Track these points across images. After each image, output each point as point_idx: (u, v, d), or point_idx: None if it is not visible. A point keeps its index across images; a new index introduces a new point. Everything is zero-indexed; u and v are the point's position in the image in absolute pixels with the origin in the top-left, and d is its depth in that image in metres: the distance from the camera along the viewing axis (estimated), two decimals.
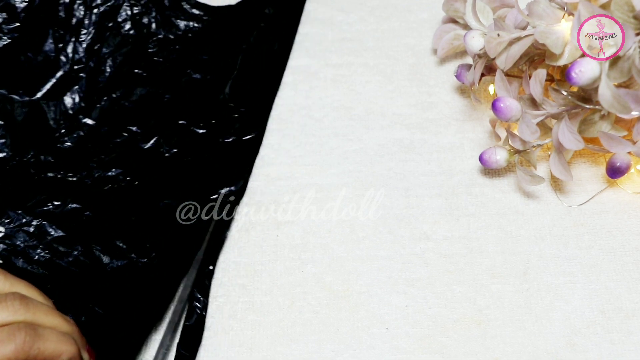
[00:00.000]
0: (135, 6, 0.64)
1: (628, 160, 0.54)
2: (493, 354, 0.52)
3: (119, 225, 0.56)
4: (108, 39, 0.63)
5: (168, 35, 0.63)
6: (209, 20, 0.64)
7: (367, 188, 0.59)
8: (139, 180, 0.58)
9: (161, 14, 0.64)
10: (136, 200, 0.57)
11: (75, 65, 0.62)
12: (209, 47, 0.63)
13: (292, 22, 0.66)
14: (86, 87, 0.61)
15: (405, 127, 0.62)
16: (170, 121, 0.61)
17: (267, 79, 0.63)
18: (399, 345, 0.52)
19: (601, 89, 0.49)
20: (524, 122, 0.54)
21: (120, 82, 0.62)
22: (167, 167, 0.59)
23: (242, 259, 0.56)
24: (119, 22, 0.64)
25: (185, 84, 0.62)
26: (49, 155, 0.59)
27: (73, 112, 0.61)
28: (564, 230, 0.57)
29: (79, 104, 0.61)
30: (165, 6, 0.64)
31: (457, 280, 0.55)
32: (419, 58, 0.65)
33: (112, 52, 0.63)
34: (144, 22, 0.64)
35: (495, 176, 0.59)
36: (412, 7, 0.67)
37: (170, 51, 0.63)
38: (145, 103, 0.61)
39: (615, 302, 0.54)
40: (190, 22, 0.64)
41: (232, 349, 0.53)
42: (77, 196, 0.57)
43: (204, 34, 0.64)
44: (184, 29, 0.64)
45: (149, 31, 0.64)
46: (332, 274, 0.55)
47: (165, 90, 0.62)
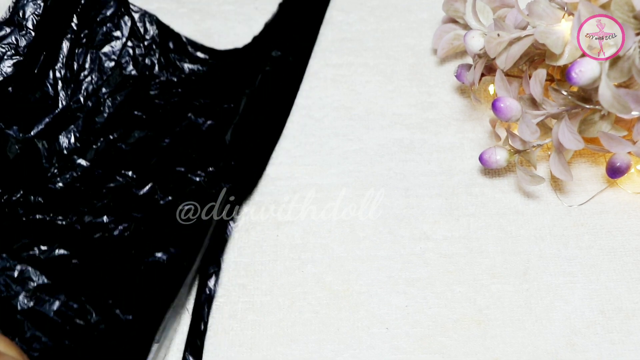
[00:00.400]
0: (138, 47, 0.62)
1: (628, 160, 0.54)
2: (493, 354, 0.52)
3: (106, 276, 0.53)
4: (109, 79, 0.61)
5: (171, 78, 0.62)
6: (213, 63, 0.63)
7: (367, 188, 0.59)
8: (130, 231, 0.55)
9: (165, 56, 0.63)
10: (126, 252, 0.54)
11: (73, 104, 0.60)
12: (212, 91, 0.62)
13: (301, 64, 0.64)
14: (83, 126, 0.59)
15: (405, 127, 0.62)
16: (167, 167, 0.58)
17: (269, 126, 0.61)
18: (399, 345, 0.52)
19: (601, 89, 0.49)
20: (524, 122, 0.54)
21: (119, 124, 0.60)
22: (160, 216, 0.56)
23: (242, 259, 0.56)
24: (120, 63, 0.62)
25: (186, 129, 0.60)
26: (39, 196, 0.57)
27: (67, 151, 0.59)
28: (564, 230, 0.57)
29: (74, 144, 0.59)
30: (169, 48, 0.63)
31: (457, 280, 0.55)
32: (419, 58, 0.65)
33: (112, 92, 0.61)
34: (146, 64, 0.62)
35: (495, 176, 0.59)
36: (412, 7, 0.67)
37: (172, 94, 0.62)
38: (142, 147, 0.59)
39: (616, 302, 0.54)
40: (194, 66, 0.63)
41: (232, 348, 0.53)
42: (65, 242, 0.55)
43: (207, 77, 0.62)
44: (187, 72, 0.62)
45: (152, 73, 0.62)
46: (332, 274, 0.55)
47: (164, 135, 0.60)
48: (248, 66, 0.63)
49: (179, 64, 0.63)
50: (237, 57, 0.63)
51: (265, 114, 0.61)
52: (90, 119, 0.60)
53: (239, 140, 0.59)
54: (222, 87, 0.62)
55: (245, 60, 0.63)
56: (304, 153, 0.60)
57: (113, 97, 0.61)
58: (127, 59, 0.62)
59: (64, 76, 0.60)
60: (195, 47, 0.63)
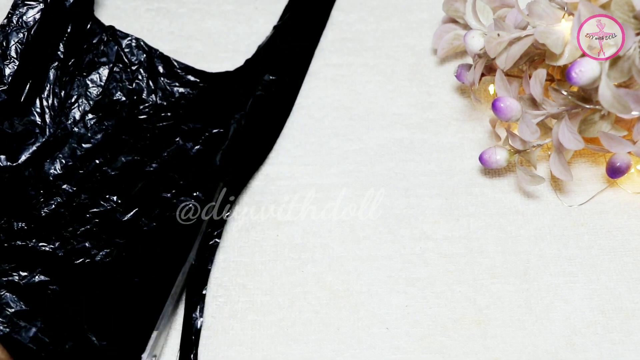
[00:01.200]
0: (125, 72, 0.62)
1: (628, 160, 0.54)
2: (493, 353, 0.52)
3: (84, 302, 0.53)
4: (96, 105, 0.61)
5: (161, 102, 0.61)
6: (204, 87, 0.62)
7: (367, 188, 0.59)
8: (112, 257, 0.55)
9: (153, 80, 0.62)
10: (106, 279, 0.54)
11: (60, 132, 0.59)
12: (202, 115, 0.61)
13: (293, 88, 0.63)
14: (69, 153, 0.59)
15: (405, 127, 0.62)
16: (152, 193, 0.58)
17: (258, 151, 0.60)
18: (399, 345, 0.52)
19: (601, 88, 0.49)
20: (524, 122, 0.54)
21: (105, 148, 0.59)
22: (144, 242, 0.56)
23: (242, 259, 0.56)
24: (108, 89, 0.61)
25: (174, 154, 0.59)
26: (22, 222, 0.56)
27: (53, 178, 0.58)
28: (564, 230, 0.57)
29: (60, 170, 0.58)
30: (159, 72, 0.62)
31: (457, 280, 0.55)
32: (419, 58, 0.65)
33: (99, 118, 0.60)
34: (134, 89, 0.61)
35: (495, 176, 0.59)
36: (412, 7, 0.67)
37: (161, 118, 0.60)
38: (128, 171, 0.59)
39: (616, 302, 0.54)
40: (185, 89, 0.62)
41: (232, 348, 0.53)
42: (46, 268, 0.54)
43: (198, 101, 0.61)
44: (178, 96, 0.61)
45: (140, 97, 0.61)
46: (332, 274, 0.55)
47: (151, 159, 0.59)
48: (239, 90, 0.62)
49: (169, 87, 0.62)
50: (229, 80, 0.62)
51: (256, 138, 0.60)
52: (77, 145, 0.59)
53: (229, 164, 0.59)
54: (212, 111, 0.61)
55: (236, 83, 0.62)
56: (304, 153, 0.60)
57: (100, 123, 0.60)
58: (115, 85, 0.61)
59: (51, 104, 0.60)
60: (186, 71, 0.62)
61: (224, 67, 0.64)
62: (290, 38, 0.64)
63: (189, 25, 0.67)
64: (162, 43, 0.66)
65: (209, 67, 0.64)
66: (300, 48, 0.64)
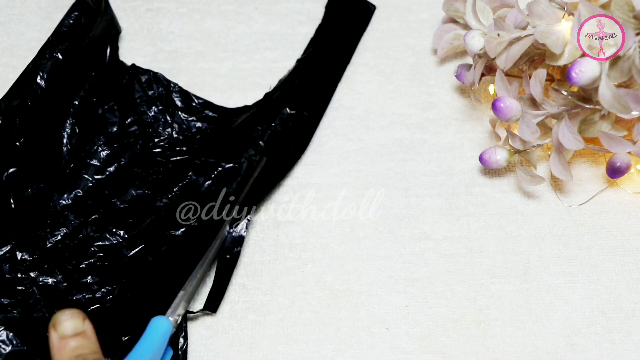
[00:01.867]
0: (142, 105, 0.61)
1: (628, 160, 0.54)
2: (493, 353, 0.52)
3: None
4: (112, 135, 0.60)
5: (177, 136, 0.60)
6: (221, 122, 0.61)
7: (367, 188, 0.59)
8: (113, 294, 0.54)
9: (170, 113, 0.61)
10: (106, 317, 0.53)
11: (74, 163, 0.58)
12: (217, 150, 0.59)
13: (312, 123, 0.61)
14: (81, 184, 0.58)
15: (405, 127, 0.62)
16: (160, 229, 0.56)
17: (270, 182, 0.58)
18: (399, 345, 0.52)
19: (601, 88, 0.49)
20: (524, 122, 0.54)
21: (116, 180, 0.58)
22: (147, 279, 0.54)
23: (242, 259, 0.56)
24: (124, 119, 0.61)
25: (184, 189, 0.58)
26: (26, 252, 0.55)
27: (61, 208, 0.57)
28: (564, 230, 0.57)
29: (69, 199, 0.57)
30: (177, 106, 0.61)
31: (457, 280, 0.55)
32: (419, 58, 0.65)
33: (114, 149, 0.59)
34: (150, 122, 0.61)
35: (495, 176, 0.59)
36: (412, 7, 0.67)
37: (176, 152, 0.59)
38: (137, 205, 0.57)
39: (616, 302, 0.54)
40: (203, 124, 0.61)
41: (232, 348, 0.53)
42: (47, 302, 0.53)
43: (213, 136, 0.60)
44: (194, 131, 0.60)
45: (156, 131, 0.60)
46: (332, 274, 0.55)
47: (162, 194, 0.58)
48: (257, 124, 0.60)
49: (186, 122, 0.61)
50: (247, 114, 0.61)
51: (270, 171, 0.58)
52: (89, 176, 0.58)
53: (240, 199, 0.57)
54: (228, 146, 0.60)
55: (254, 117, 0.61)
56: (304, 153, 0.60)
57: (114, 155, 0.59)
58: (131, 118, 0.61)
59: (70, 139, 0.59)
60: (204, 106, 0.62)
61: (224, 67, 0.65)
62: (312, 72, 0.63)
63: (189, 25, 0.67)
64: (162, 43, 0.66)
65: (209, 67, 0.65)
66: (322, 83, 0.62)
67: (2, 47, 0.65)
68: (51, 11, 0.67)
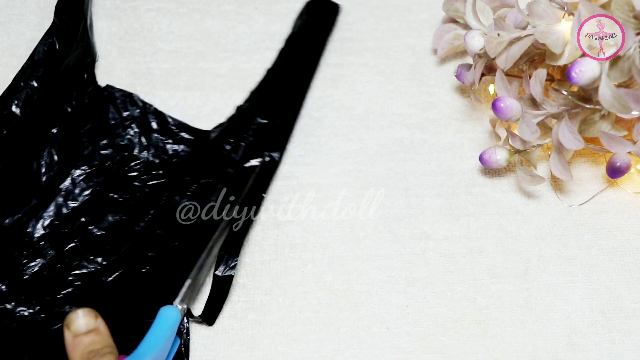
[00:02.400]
0: (117, 127, 0.60)
1: (628, 160, 0.54)
2: (493, 353, 0.52)
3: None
4: (86, 158, 0.59)
5: (153, 159, 0.59)
6: (197, 144, 0.60)
7: (367, 188, 0.59)
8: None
9: (146, 136, 0.60)
10: None
11: (49, 189, 0.57)
12: (194, 171, 0.59)
13: (285, 130, 0.60)
14: (56, 212, 0.57)
15: (405, 127, 0.62)
16: (138, 252, 0.55)
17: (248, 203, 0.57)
18: (399, 345, 0.52)
19: (601, 88, 0.49)
20: (524, 122, 0.54)
21: (92, 206, 0.57)
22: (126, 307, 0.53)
23: (242, 259, 0.56)
24: (98, 143, 0.59)
25: (161, 209, 0.57)
26: (3, 284, 0.54)
27: (37, 238, 0.56)
28: (564, 230, 0.57)
29: (44, 229, 0.56)
30: (152, 128, 0.60)
31: (457, 279, 0.55)
32: (419, 58, 0.65)
33: (89, 173, 0.58)
34: (126, 145, 0.59)
35: (495, 176, 0.59)
36: (412, 7, 0.67)
37: (152, 176, 0.59)
38: (115, 231, 0.56)
39: (616, 302, 0.54)
40: (179, 146, 0.60)
41: (233, 348, 0.53)
42: (23, 334, 0.52)
43: (190, 158, 0.59)
44: (171, 154, 0.59)
45: (131, 154, 0.59)
46: (333, 274, 0.55)
47: (139, 219, 0.57)
48: (231, 138, 0.59)
49: (162, 144, 0.60)
50: (222, 132, 0.60)
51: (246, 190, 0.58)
52: (64, 202, 0.57)
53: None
54: (202, 163, 0.59)
55: (229, 132, 0.60)
56: (304, 153, 0.60)
57: (89, 179, 0.58)
58: (106, 141, 0.60)
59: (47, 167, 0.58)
60: (180, 127, 0.60)
61: (224, 66, 0.64)
62: (281, 81, 0.62)
63: (189, 25, 0.67)
64: (162, 43, 0.66)
65: (209, 67, 0.65)
66: (292, 88, 0.62)
67: (2, 47, 0.65)
68: (51, 11, 0.66)
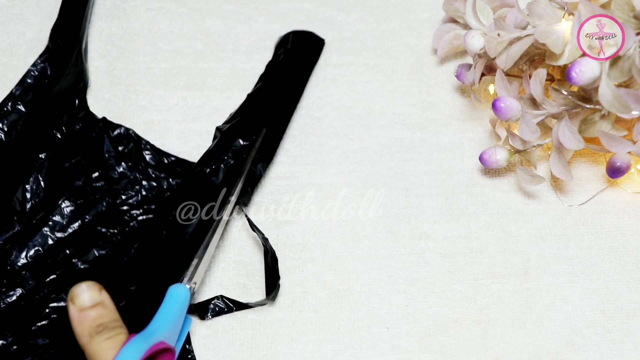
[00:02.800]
0: (111, 159, 0.59)
1: (628, 160, 0.54)
2: (493, 353, 0.52)
3: None
4: (77, 189, 0.58)
5: (147, 194, 0.58)
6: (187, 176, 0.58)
7: (367, 188, 0.59)
8: (62, 358, 0.51)
9: (140, 170, 0.59)
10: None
11: (36, 219, 0.56)
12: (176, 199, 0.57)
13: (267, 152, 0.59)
14: (41, 240, 0.56)
15: (405, 126, 0.62)
16: (120, 287, 0.53)
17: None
18: (399, 345, 0.52)
19: (601, 88, 0.49)
20: (524, 121, 0.54)
21: (79, 239, 0.56)
22: None
23: (242, 259, 0.56)
24: (91, 175, 0.59)
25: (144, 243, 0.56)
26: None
27: (19, 267, 0.54)
28: (564, 230, 0.57)
29: (28, 258, 0.55)
30: (146, 162, 0.59)
31: (458, 279, 0.55)
32: (419, 58, 0.65)
33: (79, 205, 0.57)
34: (118, 178, 0.59)
35: (495, 176, 0.59)
36: (412, 7, 0.67)
37: (144, 211, 0.58)
38: (98, 267, 0.55)
39: (616, 302, 0.54)
40: (174, 181, 0.59)
41: (233, 347, 0.53)
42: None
43: (179, 190, 0.58)
44: (164, 188, 0.58)
45: (124, 187, 0.58)
46: (333, 274, 0.55)
47: (124, 254, 0.56)
48: (209, 160, 0.58)
49: (157, 179, 0.59)
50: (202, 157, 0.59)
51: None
52: (51, 233, 0.56)
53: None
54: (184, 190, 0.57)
55: (208, 155, 0.58)
56: (304, 152, 0.60)
57: (78, 211, 0.57)
58: (99, 173, 0.59)
59: (34, 193, 0.57)
60: (176, 164, 0.59)
61: (224, 67, 0.65)
62: (262, 104, 0.61)
63: (189, 25, 0.67)
64: (162, 43, 0.66)
65: (209, 67, 0.65)
66: (273, 113, 0.60)
67: (2, 47, 0.65)
68: (51, 11, 0.67)
